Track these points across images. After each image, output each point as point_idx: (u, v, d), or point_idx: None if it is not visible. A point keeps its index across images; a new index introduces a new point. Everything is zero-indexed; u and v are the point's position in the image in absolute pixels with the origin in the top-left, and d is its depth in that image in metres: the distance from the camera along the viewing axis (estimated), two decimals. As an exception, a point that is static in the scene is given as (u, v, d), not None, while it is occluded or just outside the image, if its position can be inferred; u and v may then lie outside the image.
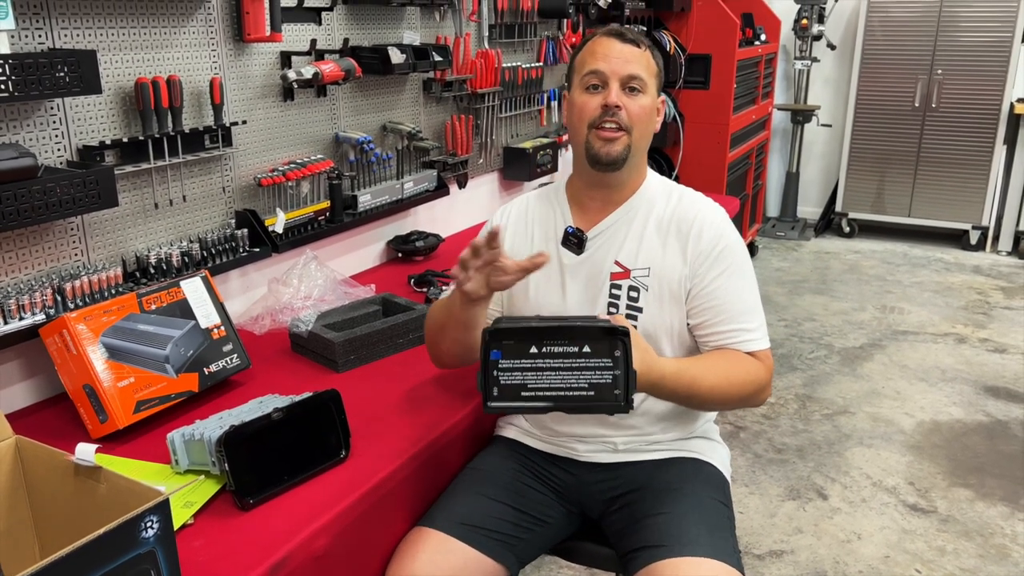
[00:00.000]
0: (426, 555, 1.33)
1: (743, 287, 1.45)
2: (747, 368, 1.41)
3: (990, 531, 2.47)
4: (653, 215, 1.48)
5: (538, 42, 3.22)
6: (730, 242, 1.46)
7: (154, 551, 0.89)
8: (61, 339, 1.42)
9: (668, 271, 1.45)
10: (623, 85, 1.43)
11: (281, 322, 1.88)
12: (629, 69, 1.42)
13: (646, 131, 1.47)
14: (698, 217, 1.46)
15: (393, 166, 2.48)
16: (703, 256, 1.43)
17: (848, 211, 5.64)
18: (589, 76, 1.44)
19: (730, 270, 1.44)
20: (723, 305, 1.43)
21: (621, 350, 1.20)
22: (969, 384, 3.45)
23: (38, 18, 1.50)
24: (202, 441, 1.26)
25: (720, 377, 1.38)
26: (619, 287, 1.46)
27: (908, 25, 5.19)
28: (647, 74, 1.44)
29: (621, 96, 1.42)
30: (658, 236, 1.47)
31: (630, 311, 1.45)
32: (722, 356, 1.42)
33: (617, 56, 1.43)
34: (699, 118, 4.34)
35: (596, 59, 1.43)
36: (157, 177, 1.77)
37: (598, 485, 1.50)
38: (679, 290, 1.44)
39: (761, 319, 1.47)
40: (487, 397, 1.22)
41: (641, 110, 1.44)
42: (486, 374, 1.21)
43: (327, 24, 2.19)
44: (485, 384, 1.22)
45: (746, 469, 2.80)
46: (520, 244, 1.56)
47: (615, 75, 1.42)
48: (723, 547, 1.32)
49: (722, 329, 1.43)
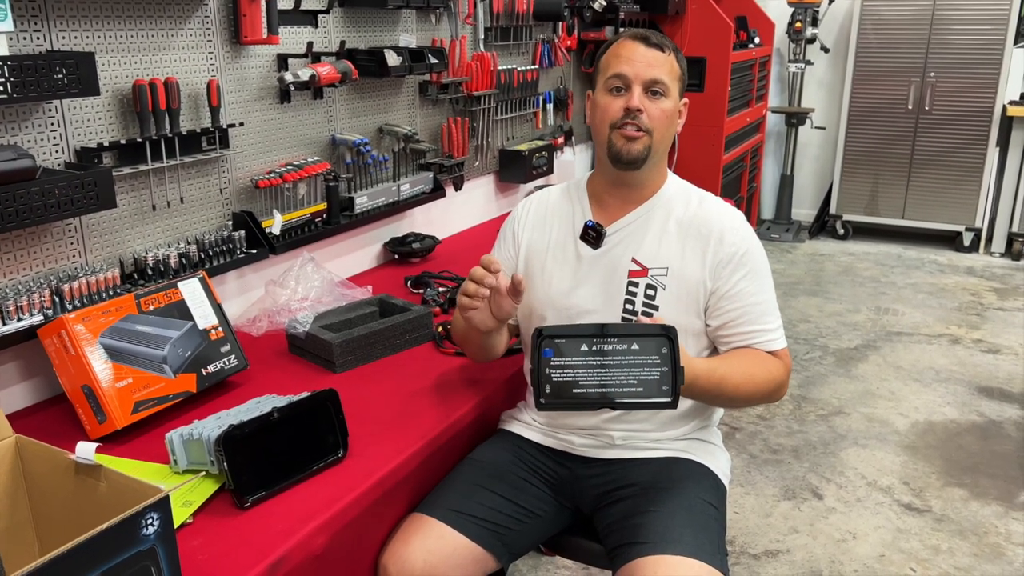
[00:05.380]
0: (418, 540, 1.35)
1: (763, 289, 1.49)
2: (769, 367, 1.46)
3: (984, 530, 2.48)
4: (673, 216, 1.51)
5: (533, 45, 3.23)
6: (751, 245, 1.49)
7: (155, 548, 0.90)
8: (59, 340, 1.42)
9: (687, 272, 1.47)
10: (646, 89, 1.45)
11: (278, 323, 1.88)
12: (652, 73, 1.44)
13: (667, 134, 1.49)
14: (719, 222, 1.49)
15: (389, 168, 2.49)
16: (726, 260, 1.46)
17: (842, 213, 5.66)
18: (613, 79, 1.46)
19: (752, 273, 1.48)
20: (746, 307, 1.47)
21: (668, 347, 1.24)
22: (963, 384, 3.46)
23: (36, 20, 1.51)
24: (201, 441, 1.27)
25: (745, 376, 1.42)
26: (636, 284, 1.49)
27: (901, 28, 5.21)
28: (670, 78, 1.46)
29: (643, 100, 1.44)
30: (678, 237, 1.49)
31: (646, 308, 1.48)
32: (746, 356, 1.46)
33: (641, 60, 1.45)
34: (694, 121, 4.27)
35: (620, 62, 1.46)
36: (155, 179, 1.77)
37: (592, 480, 1.52)
38: (696, 292, 1.47)
39: (779, 319, 1.51)
40: (539, 394, 1.25)
41: (662, 114, 1.46)
42: (539, 372, 1.24)
43: (324, 27, 2.20)
44: (538, 382, 1.25)
45: (742, 469, 2.81)
46: (539, 237, 1.59)
47: (638, 79, 1.44)
48: (707, 547, 1.33)
49: (745, 330, 1.47)
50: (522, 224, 1.62)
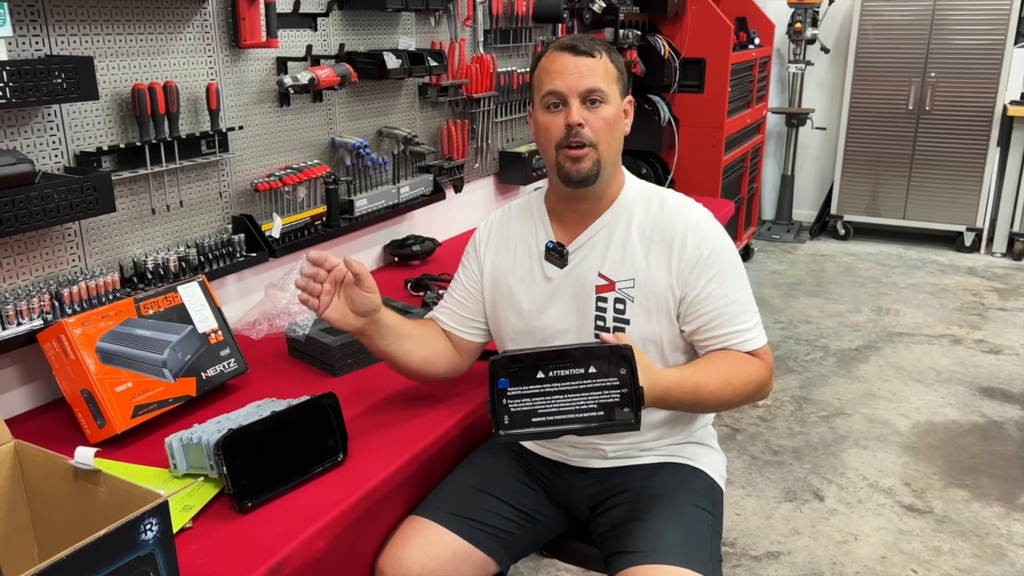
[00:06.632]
0: (416, 544, 1.34)
1: (735, 288, 1.43)
2: (747, 369, 1.40)
3: (986, 531, 2.48)
4: (634, 224, 1.45)
5: (533, 47, 3.23)
6: (715, 244, 1.42)
7: (153, 553, 0.90)
8: (59, 344, 1.42)
9: (653, 281, 1.42)
10: (583, 100, 1.38)
11: (278, 327, 1.88)
12: (586, 83, 1.37)
13: (613, 141, 1.42)
14: (681, 223, 1.43)
15: (389, 171, 2.49)
16: (691, 264, 1.40)
17: (843, 214, 5.66)
18: (548, 96, 1.40)
19: (720, 273, 1.41)
20: (718, 309, 1.41)
21: (627, 368, 1.20)
22: (964, 385, 3.46)
23: (35, 25, 1.51)
24: (200, 445, 1.27)
25: (722, 381, 1.37)
26: (605, 299, 1.44)
27: (901, 28, 5.21)
28: (606, 83, 1.40)
29: (582, 112, 1.38)
30: (641, 246, 1.44)
31: (617, 323, 1.43)
32: (722, 359, 1.40)
33: (572, 72, 1.38)
34: (694, 122, 4.35)
35: (552, 78, 1.39)
36: (154, 183, 1.77)
37: (586, 489, 1.51)
38: (666, 300, 1.42)
39: (756, 317, 1.45)
40: (498, 426, 1.21)
41: (604, 122, 1.39)
42: (495, 403, 1.21)
43: (323, 30, 2.20)
44: (495, 413, 1.21)
45: (743, 471, 2.81)
46: (502, 260, 1.55)
47: (573, 92, 1.37)
48: (698, 555, 1.32)
49: (719, 333, 1.41)
50: (484, 246, 1.57)
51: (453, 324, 1.58)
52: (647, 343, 1.43)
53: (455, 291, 1.60)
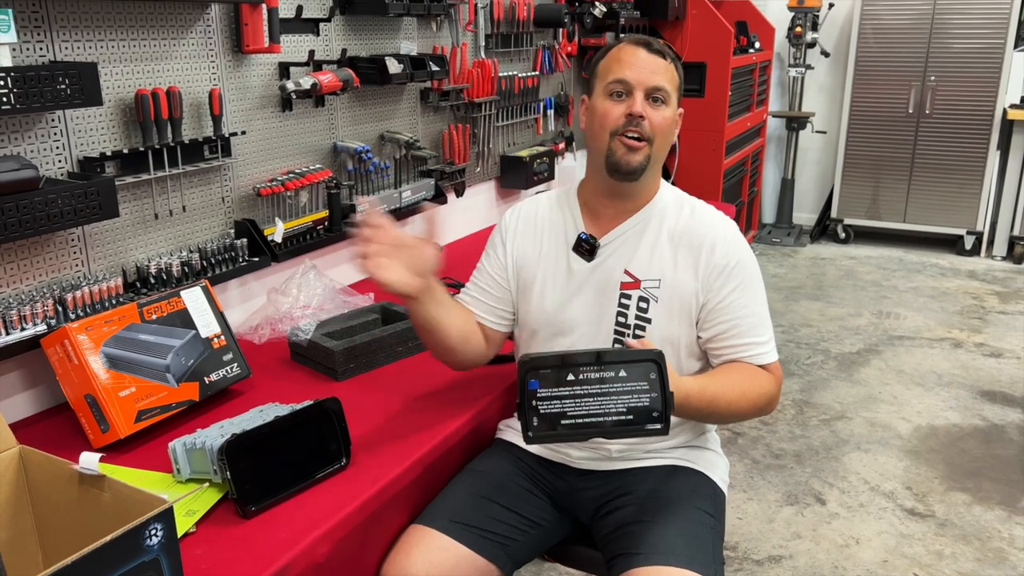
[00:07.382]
0: (420, 552, 1.34)
1: (755, 301, 1.46)
2: (760, 383, 1.42)
3: (987, 535, 2.48)
4: (665, 226, 1.48)
5: (534, 51, 3.24)
6: (742, 256, 1.46)
7: (158, 559, 0.90)
8: (62, 349, 1.42)
9: (679, 284, 1.45)
10: (647, 95, 1.42)
11: (281, 331, 1.88)
12: (655, 80, 1.41)
13: (665, 143, 1.46)
14: (711, 232, 1.46)
15: (391, 175, 2.49)
16: (717, 271, 1.43)
17: (843, 217, 5.66)
18: (614, 83, 1.42)
19: (743, 285, 1.44)
20: (736, 320, 1.44)
21: (656, 372, 1.21)
22: (965, 388, 3.46)
23: (39, 31, 1.51)
24: (204, 450, 1.27)
25: (737, 393, 1.39)
26: (628, 297, 1.47)
27: (901, 32, 5.22)
28: (671, 86, 1.44)
29: (645, 106, 1.41)
30: (670, 248, 1.47)
31: (639, 321, 1.46)
32: (737, 371, 1.43)
33: (643, 66, 1.42)
34: (694, 126, 4.35)
35: (622, 67, 1.42)
36: (157, 188, 1.78)
37: (589, 492, 1.52)
38: (689, 304, 1.45)
39: (771, 333, 1.48)
40: (527, 427, 1.22)
41: (664, 121, 1.43)
42: (525, 405, 1.21)
43: (325, 35, 2.21)
44: (525, 415, 1.21)
45: (744, 475, 2.81)
46: (529, 247, 1.57)
47: (640, 85, 1.41)
48: (700, 557, 1.32)
49: (735, 343, 1.44)
50: (511, 234, 1.59)
51: (476, 311, 1.59)
52: (665, 344, 1.44)
53: (479, 279, 1.61)
